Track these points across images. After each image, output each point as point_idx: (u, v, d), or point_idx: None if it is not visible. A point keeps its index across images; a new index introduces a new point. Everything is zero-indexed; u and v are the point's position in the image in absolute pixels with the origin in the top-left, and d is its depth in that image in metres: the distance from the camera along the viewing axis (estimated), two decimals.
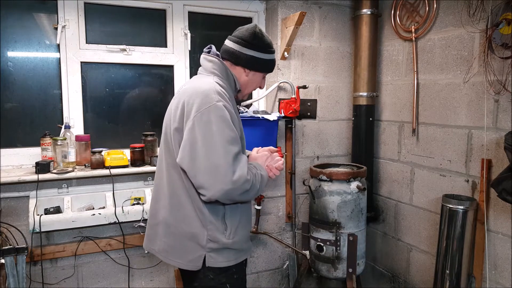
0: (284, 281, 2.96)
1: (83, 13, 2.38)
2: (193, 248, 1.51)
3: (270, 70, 1.68)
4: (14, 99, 2.32)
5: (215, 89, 1.45)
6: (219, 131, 1.39)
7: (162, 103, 2.69)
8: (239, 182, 1.38)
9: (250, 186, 1.43)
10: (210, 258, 1.50)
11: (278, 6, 2.69)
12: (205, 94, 1.43)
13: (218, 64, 1.57)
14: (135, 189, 2.43)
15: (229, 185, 1.37)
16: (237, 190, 1.40)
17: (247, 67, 1.60)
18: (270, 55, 1.63)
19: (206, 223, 1.49)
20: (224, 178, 1.37)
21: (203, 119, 1.39)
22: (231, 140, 1.40)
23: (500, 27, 1.98)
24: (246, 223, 1.63)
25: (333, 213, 2.41)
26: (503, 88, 2.02)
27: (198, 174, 1.39)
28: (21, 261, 1.70)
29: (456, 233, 2.13)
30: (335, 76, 2.92)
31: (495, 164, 2.10)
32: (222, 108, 1.41)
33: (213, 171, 1.37)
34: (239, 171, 1.39)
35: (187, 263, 1.52)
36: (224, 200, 1.43)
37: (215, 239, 1.50)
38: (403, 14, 2.63)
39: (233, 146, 1.40)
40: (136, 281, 2.52)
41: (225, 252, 1.52)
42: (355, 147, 2.88)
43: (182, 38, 2.62)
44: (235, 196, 1.42)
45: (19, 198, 2.20)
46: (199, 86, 1.47)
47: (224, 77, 1.58)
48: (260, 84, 1.70)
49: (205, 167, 1.38)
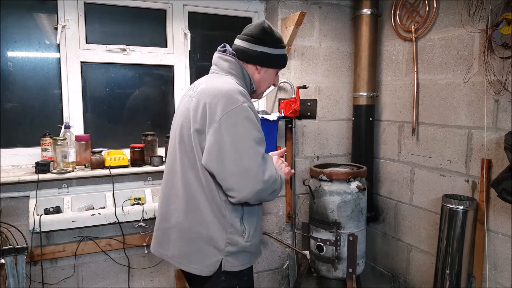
0: (284, 281, 2.96)
1: (83, 13, 2.38)
2: (211, 253, 1.48)
3: (282, 66, 1.66)
4: (14, 99, 2.32)
5: (238, 89, 1.44)
6: (247, 132, 1.39)
7: (162, 103, 2.69)
8: (270, 182, 1.40)
9: (278, 186, 1.46)
10: (227, 262, 1.48)
11: (278, 6, 2.69)
12: (229, 95, 1.41)
13: (235, 64, 1.55)
14: (135, 189, 2.43)
15: (260, 185, 1.38)
16: (268, 190, 1.41)
17: (259, 64, 1.58)
18: (281, 50, 1.61)
19: (227, 226, 1.47)
20: (255, 179, 1.37)
21: (229, 121, 1.38)
22: (258, 141, 1.41)
23: (500, 27, 1.98)
24: (260, 226, 1.65)
25: (333, 213, 2.41)
26: (503, 88, 2.02)
27: (228, 177, 1.38)
28: (21, 261, 1.70)
29: (456, 233, 2.13)
30: (335, 76, 2.92)
31: (495, 164, 2.10)
32: (248, 109, 1.41)
33: (243, 173, 1.37)
34: (268, 171, 1.41)
35: (203, 269, 1.48)
36: (254, 200, 1.43)
37: (234, 242, 1.48)
38: (403, 14, 2.63)
39: (261, 147, 1.41)
40: (136, 281, 2.52)
41: (241, 255, 1.51)
42: (355, 147, 2.88)
43: (182, 38, 2.62)
44: (265, 195, 1.43)
45: (19, 198, 2.20)
46: (221, 87, 1.45)
47: (240, 77, 1.56)
48: (274, 81, 1.68)
49: (236, 169, 1.37)
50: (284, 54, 1.63)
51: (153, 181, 2.49)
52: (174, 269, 2.60)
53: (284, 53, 1.63)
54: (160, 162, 2.41)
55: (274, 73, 1.65)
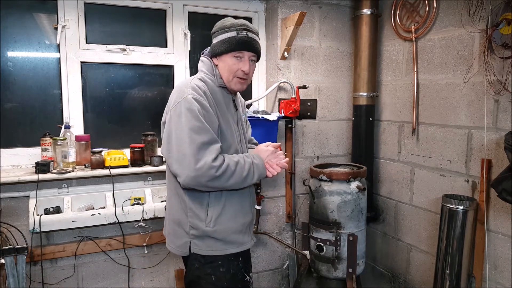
0: (284, 281, 2.96)
1: (83, 13, 2.38)
2: (180, 234, 1.64)
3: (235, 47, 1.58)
4: (14, 99, 2.32)
5: (189, 84, 1.56)
6: (186, 122, 1.48)
7: (162, 103, 2.66)
8: (203, 169, 1.45)
9: (221, 173, 1.48)
10: (194, 245, 1.60)
11: (278, 6, 2.69)
12: (179, 89, 1.57)
13: (205, 62, 1.69)
14: (135, 189, 2.43)
15: (193, 172, 1.45)
16: (203, 177, 1.46)
17: (214, 55, 1.65)
18: (228, 34, 1.58)
19: (187, 210, 1.60)
20: (188, 165, 1.46)
21: (176, 112, 1.51)
22: (197, 130, 1.48)
23: (500, 27, 1.98)
24: (235, 215, 1.64)
25: (333, 213, 2.41)
26: (503, 88, 2.02)
27: (173, 163, 1.51)
28: (21, 261, 1.70)
29: (456, 233, 2.13)
30: (335, 76, 2.92)
31: (495, 164, 2.10)
32: (191, 101, 1.50)
33: (180, 159, 1.48)
34: (203, 159, 1.46)
35: (177, 248, 1.66)
36: (197, 186, 1.50)
37: (196, 226, 1.59)
38: (403, 14, 2.63)
39: (199, 136, 1.47)
40: (136, 281, 2.52)
41: (208, 240, 1.60)
42: (355, 147, 2.88)
43: (182, 38, 2.62)
44: (204, 182, 1.47)
45: (19, 198, 2.20)
46: (179, 83, 1.63)
47: (210, 73, 1.67)
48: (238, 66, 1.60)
49: (176, 156, 1.50)
50: (232, 36, 1.58)
51: (153, 181, 2.49)
52: (174, 269, 2.60)
53: (233, 35, 1.58)
54: (160, 162, 2.41)
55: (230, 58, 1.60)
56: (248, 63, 1.61)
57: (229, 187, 1.56)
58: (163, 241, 2.48)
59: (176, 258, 2.59)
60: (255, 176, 1.59)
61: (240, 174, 1.54)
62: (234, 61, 1.60)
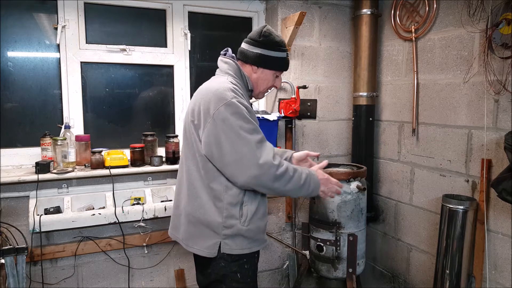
0: (284, 281, 2.96)
1: (83, 13, 2.38)
2: (210, 235, 1.60)
3: (281, 68, 1.73)
4: (14, 99, 2.32)
5: (227, 87, 1.56)
6: (236, 125, 1.49)
7: (162, 103, 2.69)
8: (265, 167, 1.47)
9: (280, 172, 1.50)
10: (225, 245, 1.59)
11: (278, 6, 2.69)
12: (219, 93, 1.53)
13: (232, 65, 1.68)
14: (135, 189, 2.43)
15: (256, 169, 1.47)
16: (265, 175, 1.48)
17: (255, 64, 1.68)
18: (280, 53, 1.69)
19: (222, 210, 1.58)
20: (249, 164, 1.47)
21: (221, 116, 1.50)
22: (250, 131, 1.50)
23: (500, 27, 1.98)
24: (263, 215, 1.69)
25: (333, 213, 2.41)
26: (503, 88, 2.02)
27: (227, 166, 1.51)
28: (21, 261, 1.69)
29: (456, 233, 2.13)
30: (335, 76, 2.92)
31: (495, 164, 2.10)
32: (236, 104, 1.51)
33: (238, 160, 1.48)
34: (264, 156, 1.48)
35: (204, 250, 1.61)
36: (258, 186, 1.51)
37: (230, 225, 1.58)
38: (403, 14, 2.63)
39: (253, 136, 1.50)
40: (136, 281, 2.52)
41: (239, 239, 1.60)
42: (355, 147, 2.88)
43: (182, 38, 2.62)
44: (266, 181, 1.49)
45: (19, 198, 2.20)
46: (213, 86, 1.59)
47: (238, 76, 1.68)
48: (273, 82, 1.75)
49: (231, 158, 1.49)
50: (283, 57, 1.70)
51: (153, 181, 2.49)
52: (174, 269, 2.60)
53: (283, 56, 1.70)
54: (160, 162, 2.41)
55: (272, 74, 1.72)
56: (281, 81, 1.80)
57: (286, 192, 1.58)
58: (163, 241, 2.48)
59: (176, 258, 2.59)
60: (310, 188, 1.61)
61: (298, 181, 1.56)
62: (273, 77, 1.73)
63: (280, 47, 1.68)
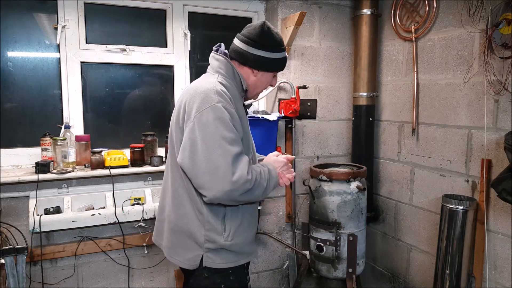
0: (284, 281, 2.96)
1: (83, 13, 2.38)
2: (192, 247, 1.51)
3: (280, 69, 1.62)
4: (14, 99, 2.32)
5: (215, 89, 1.44)
6: (217, 132, 1.38)
7: (162, 103, 2.69)
8: (239, 183, 1.37)
9: (252, 186, 1.41)
10: (208, 258, 1.50)
11: (278, 6, 2.69)
12: (205, 94, 1.42)
13: (224, 63, 1.56)
14: (135, 189, 2.43)
15: (229, 186, 1.36)
16: (238, 191, 1.38)
17: (255, 68, 1.56)
18: (280, 54, 1.57)
19: (204, 223, 1.49)
20: (223, 179, 1.35)
21: (202, 120, 1.39)
22: (230, 141, 1.39)
23: (500, 27, 1.98)
24: (249, 226, 1.60)
25: (333, 213, 2.41)
26: (503, 88, 2.02)
27: (198, 175, 1.39)
28: (21, 261, 1.70)
29: (456, 233, 2.13)
30: (335, 76, 2.92)
31: (495, 164, 2.10)
32: (221, 109, 1.40)
33: (212, 172, 1.36)
34: (239, 172, 1.37)
35: (185, 261, 1.52)
36: (226, 201, 1.41)
37: (212, 240, 1.49)
38: (403, 14, 2.63)
39: (232, 147, 1.38)
40: (136, 281, 2.52)
41: (223, 253, 1.51)
42: (355, 147, 2.88)
43: (182, 38, 2.62)
44: (236, 196, 1.39)
45: (19, 198, 2.20)
46: (200, 86, 1.48)
47: (229, 76, 1.56)
48: (271, 82, 1.65)
49: (205, 168, 1.37)
50: (283, 58, 1.59)
51: (153, 181, 2.49)
52: (174, 269, 2.60)
53: (283, 56, 1.59)
54: (160, 162, 2.41)
55: (272, 75, 1.63)
56: (277, 79, 1.68)
57: (252, 199, 1.48)
58: None
59: None
60: (271, 186, 1.51)
61: (263, 185, 1.46)
62: (271, 78, 1.64)
63: (281, 47, 1.57)
